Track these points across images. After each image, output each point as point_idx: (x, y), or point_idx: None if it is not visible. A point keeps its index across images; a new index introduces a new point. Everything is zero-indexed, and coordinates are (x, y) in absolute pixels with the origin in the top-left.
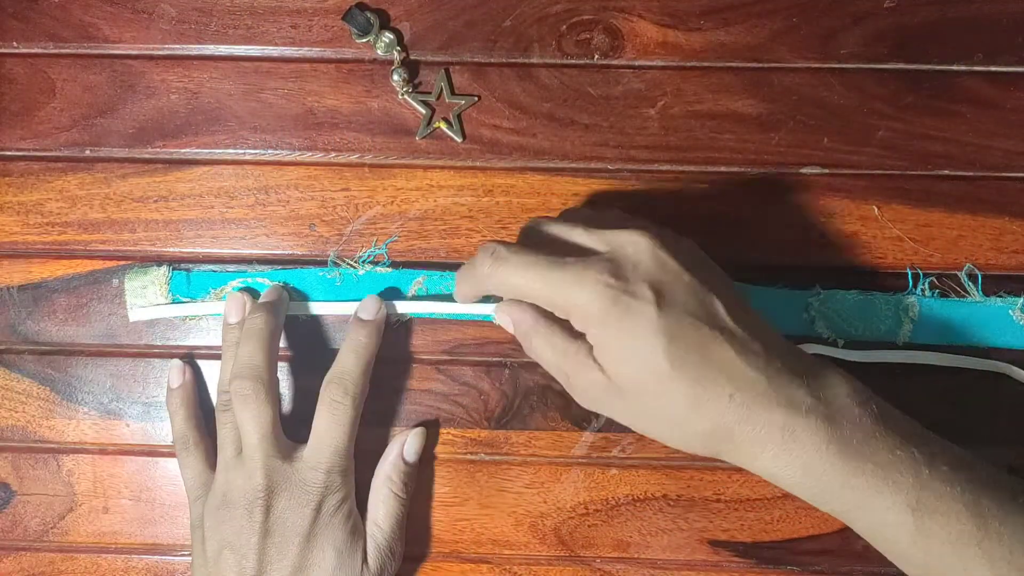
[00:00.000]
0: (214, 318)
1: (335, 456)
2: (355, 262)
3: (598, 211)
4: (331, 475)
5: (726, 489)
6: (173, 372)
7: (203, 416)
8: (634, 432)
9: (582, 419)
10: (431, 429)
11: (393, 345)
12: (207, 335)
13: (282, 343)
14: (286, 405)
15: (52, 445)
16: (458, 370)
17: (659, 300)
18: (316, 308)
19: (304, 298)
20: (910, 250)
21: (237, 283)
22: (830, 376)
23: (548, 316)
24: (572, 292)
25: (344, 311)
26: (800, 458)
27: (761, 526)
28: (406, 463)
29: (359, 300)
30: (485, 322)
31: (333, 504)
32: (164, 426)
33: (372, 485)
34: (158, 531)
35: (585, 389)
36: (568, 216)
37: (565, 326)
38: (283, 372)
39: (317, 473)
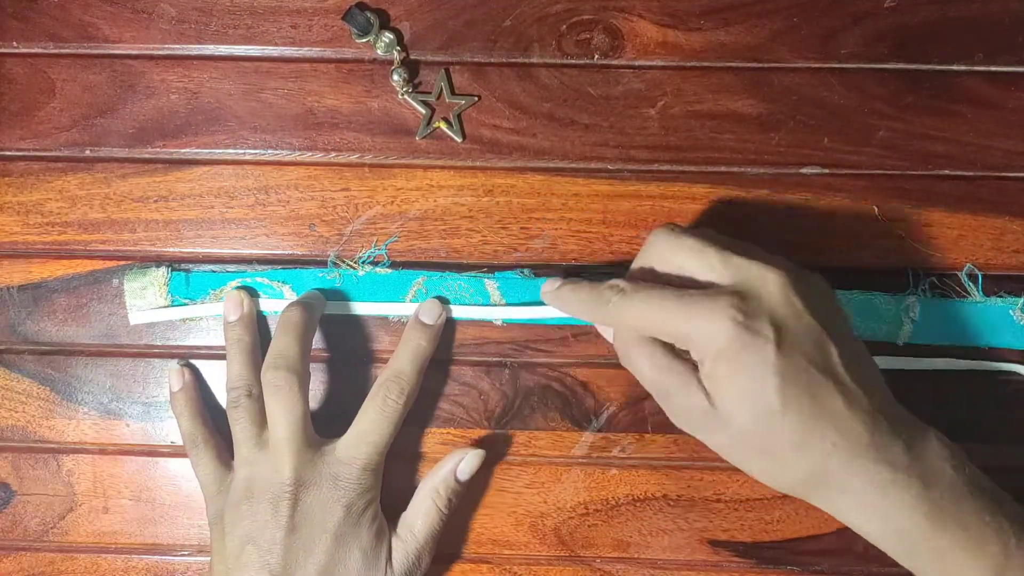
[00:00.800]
0: (214, 319)
1: (373, 453)
2: (355, 263)
3: (732, 240)
4: (365, 472)
5: (726, 489)
6: (173, 376)
7: (210, 415)
8: (634, 432)
9: (582, 419)
10: (432, 430)
11: (393, 345)
12: (207, 335)
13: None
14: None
15: (52, 445)
16: (458, 370)
17: (779, 340)
18: (356, 308)
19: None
20: (910, 250)
21: (236, 283)
22: (928, 436)
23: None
24: (696, 324)
25: (380, 312)
26: (890, 514)
27: (761, 526)
28: (457, 481)
29: (377, 302)
30: (485, 322)
31: (362, 503)
32: (164, 426)
33: (418, 492)
34: (158, 531)
35: (685, 411)
36: (703, 234)
37: (667, 344)
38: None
39: (351, 468)
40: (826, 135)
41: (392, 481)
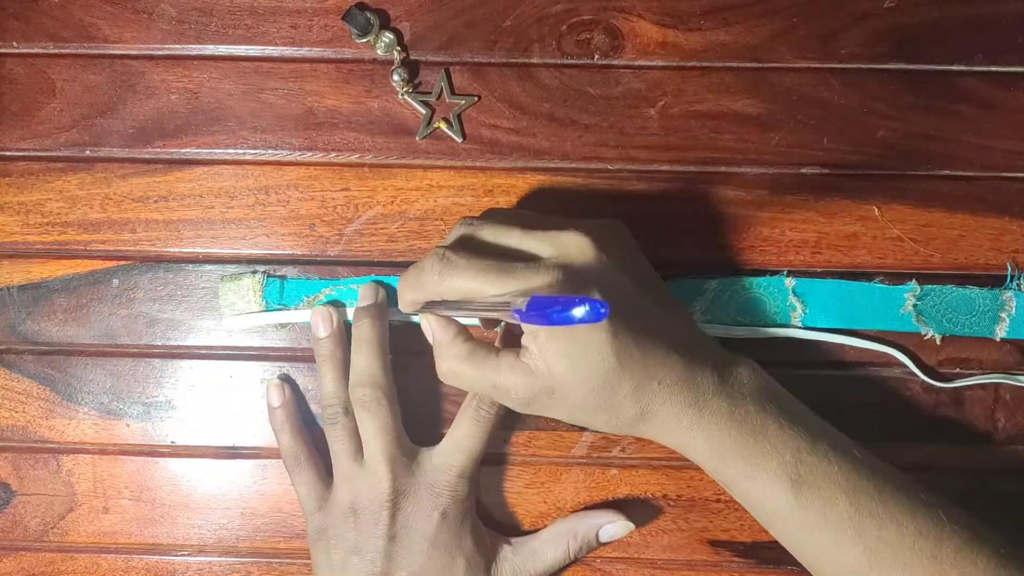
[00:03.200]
0: (304, 325)
1: (468, 461)
2: None
3: (522, 212)
4: (461, 480)
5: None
6: (272, 391)
7: (307, 430)
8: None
9: None
10: (434, 431)
11: (393, 345)
12: (207, 335)
13: None
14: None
15: (52, 445)
16: None
17: (608, 291)
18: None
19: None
20: (910, 250)
21: (330, 291)
22: (736, 362)
23: (467, 333)
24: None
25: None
26: (705, 431)
27: (761, 526)
28: (598, 540)
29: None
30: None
31: (458, 511)
32: (164, 426)
33: (556, 526)
34: (158, 531)
35: (524, 398)
36: (499, 218)
37: (481, 343)
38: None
39: (447, 476)
40: (826, 135)
41: None
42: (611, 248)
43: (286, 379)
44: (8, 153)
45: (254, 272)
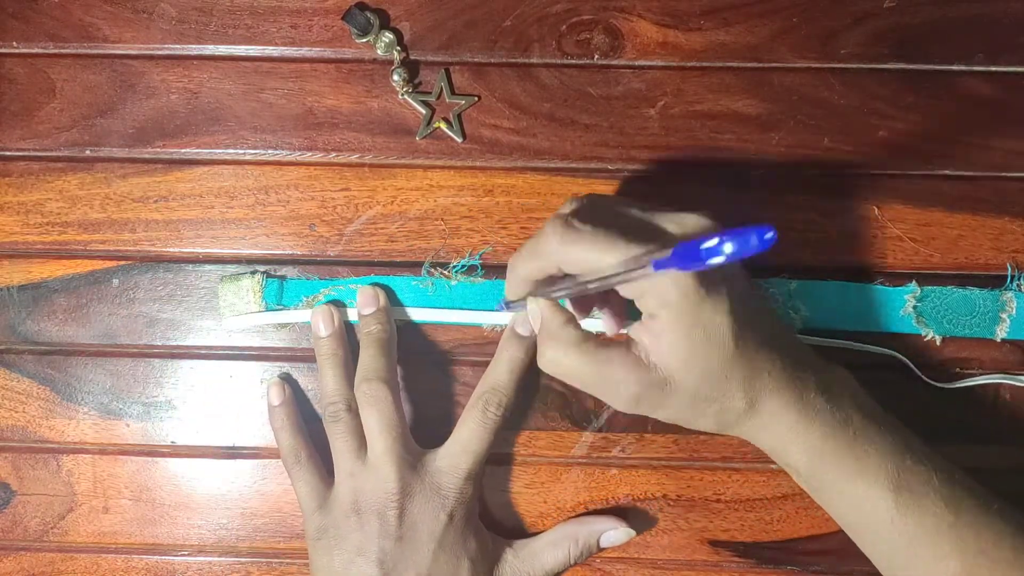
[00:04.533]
0: (304, 325)
1: (473, 463)
2: (448, 271)
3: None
4: (467, 482)
5: (726, 489)
6: (273, 390)
7: (307, 429)
8: (634, 432)
9: (582, 419)
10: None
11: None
12: (207, 335)
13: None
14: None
15: (52, 445)
16: (458, 370)
17: (729, 285)
18: (414, 314)
19: (395, 298)
20: (910, 250)
21: (330, 291)
22: (836, 369)
23: (576, 322)
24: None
25: (472, 320)
26: (807, 430)
27: (761, 526)
28: (598, 544)
29: (453, 308)
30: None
31: (463, 512)
32: (164, 426)
33: (557, 529)
34: (158, 531)
35: (634, 392)
36: (614, 197)
37: (590, 333)
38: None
39: (453, 478)
40: (826, 135)
41: None
42: None
43: (286, 378)
44: (8, 153)
45: (254, 272)
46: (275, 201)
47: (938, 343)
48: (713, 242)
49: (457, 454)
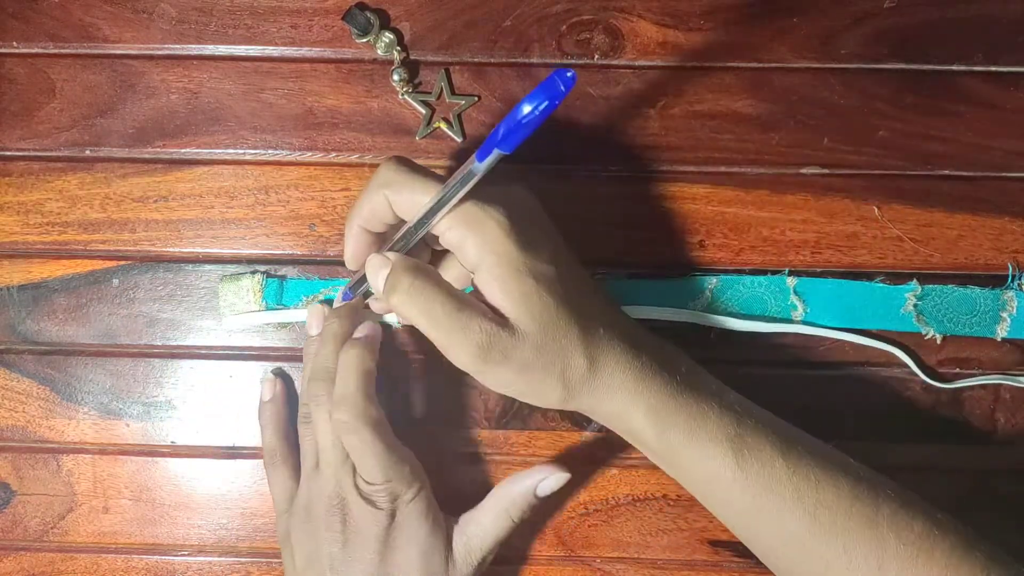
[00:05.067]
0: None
1: (414, 464)
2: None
3: None
4: (414, 478)
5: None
6: (266, 386)
7: (292, 429)
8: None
9: (582, 419)
10: (443, 432)
11: (393, 345)
12: (207, 335)
13: None
14: None
15: (52, 445)
16: (458, 369)
17: (548, 237)
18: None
19: None
20: (910, 250)
21: (330, 291)
22: (663, 340)
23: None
24: (479, 211)
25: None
26: (647, 392)
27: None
28: (536, 496)
29: None
30: None
31: (406, 502)
32: (164, 426)
33: (493, 494)
34: (158, 531)
35: (481, 340)
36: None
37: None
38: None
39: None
40: (826, 135)
41: None
42: (540, 206)
43: (280, 374)
44: (8, 153)
45: (254, 272)
46: (275, 201)
47: (938, 342)
48: (527, 108)
49: (396, 464)
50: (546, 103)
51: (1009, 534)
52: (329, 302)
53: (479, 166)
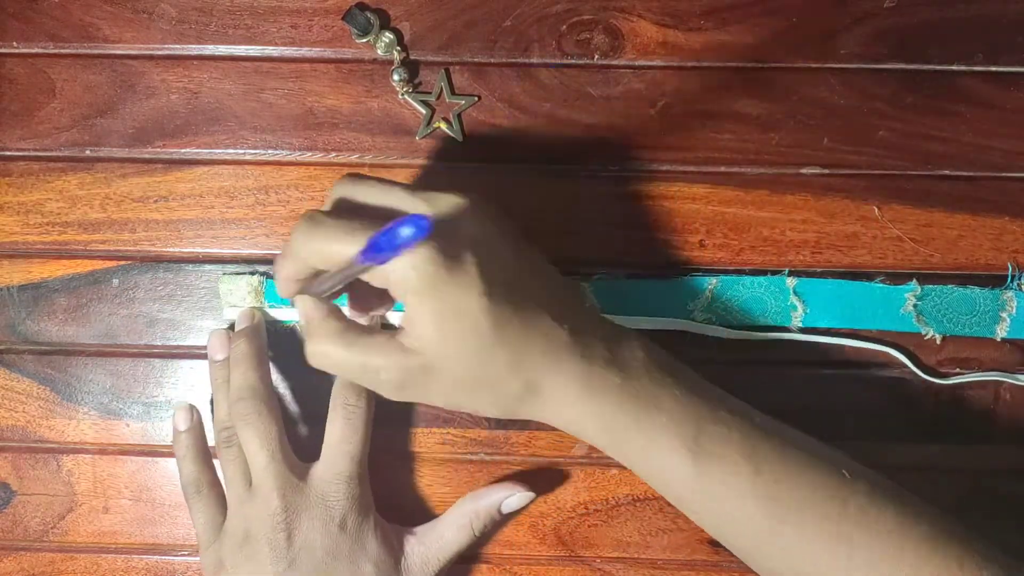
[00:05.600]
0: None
1: (352, 464)
2: None
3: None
4: (351, 484)
5: None
6: (179, 415)
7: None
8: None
9: None
10: (432, 429)
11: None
12: (207, 335)
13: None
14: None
15: (52, 445)
16: None
17: (480, 264)
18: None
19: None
20: (910, 250)
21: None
22: (627, 336)
23: (341, 314)
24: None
25: None
26: (596, 406)
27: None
28: (499, 512)
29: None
30: None
31: (357, 516)
32: (164, 426)
33: (456, 507)
34: (158, 531)
35: (396, 379)
36: (375, 182)
37: (356, 324)
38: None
39: (337, 484)
40: (826, 135)
41: (391, 481)
42: (494, 217)
43: (192, 406)
44: (8, 153)
45: (254, 272)
46: (275, 201)
47: (938, 342)
48: (407, 230)
49: (333, 459)
50: (394, 239)
51: (1009, 534)
52: (229, 328)
53: (357, 261)
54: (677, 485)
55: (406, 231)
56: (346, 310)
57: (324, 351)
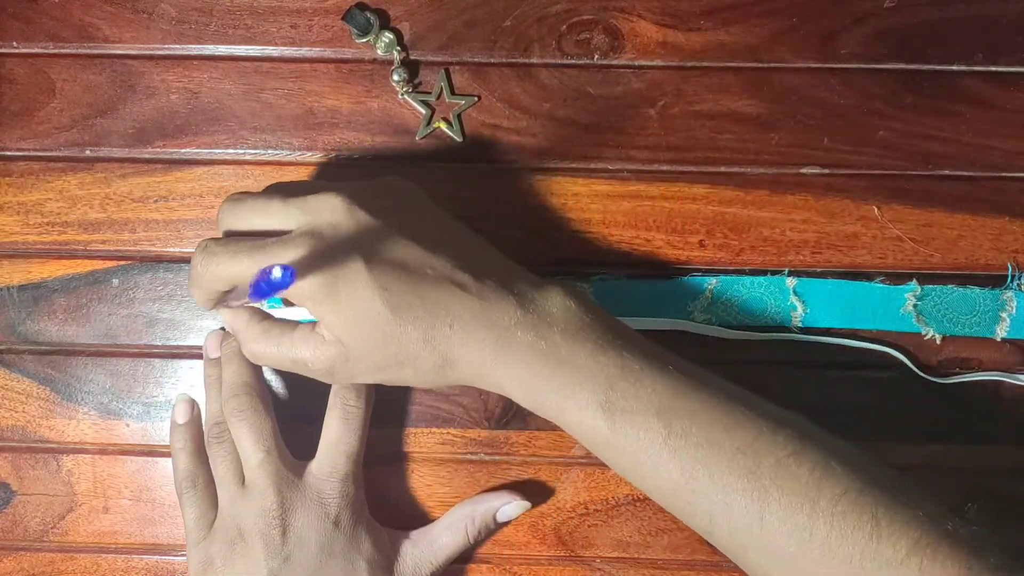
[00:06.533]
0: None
1: (349, 463)
2: None
3: (298, 182)
4: (346, 483)
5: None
6: (180, 408)
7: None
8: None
9: None
10: (432, 429)
11: None
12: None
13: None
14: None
15: (52, 445)
16: None
17: (366, 258)
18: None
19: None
20: (910, 250)
21: None
22: (546, 291)
23: (261, 315)
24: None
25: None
26: (511, 368)
27: None
28: (495, 520)
29: None
30: None
31: (351, 515)
32: (164, 426)
33: (452, 512)
34: (158, 531)
35: (325, 367)
36: (268, 189)
37: (278, 322)
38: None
39: (333, 483)
40: (826, 135)
41: (391, 481)
42: (371, 202)
43: (193, 400)
44: (8, 153)
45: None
46: None
47: (938, 342)
48: (276, 274)
49: (329, 457)
50: (270, 285)
51: (1009, 534)
52: (223, 328)
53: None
54: (593, 441)
55: (276, 275)
56: (282, 311)
57: (255, 351)
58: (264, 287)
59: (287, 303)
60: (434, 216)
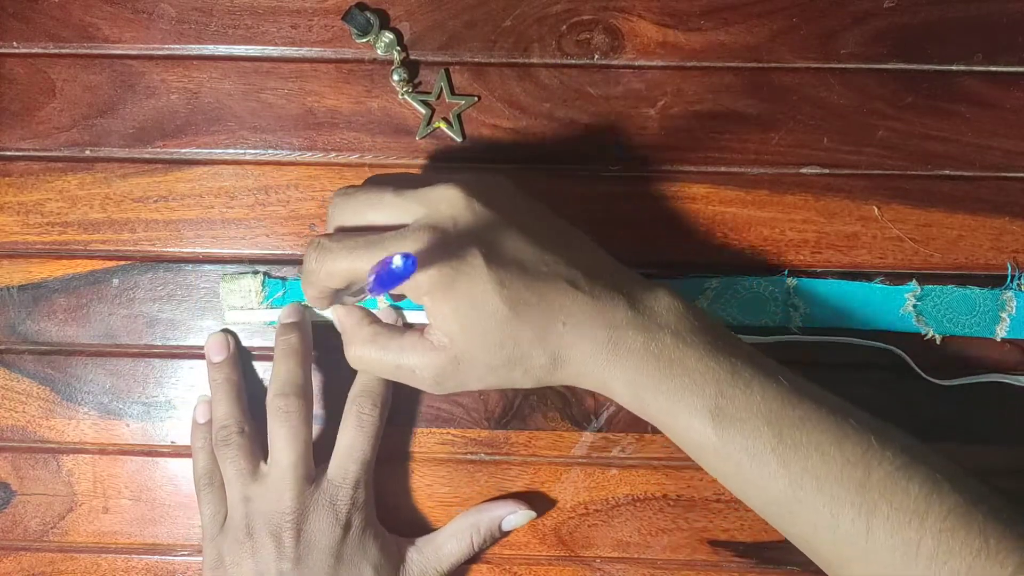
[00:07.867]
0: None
1: (361, 470)
2: None
3: (398, 175)
4: (357, 490)
5: (726, 489)
6: (201, 407)
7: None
8: (634, 432)
9: (582, 419)
10: (432, 430)
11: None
12: (207, 335)
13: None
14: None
15: (52, 445)
16: None
17: (485, 253)
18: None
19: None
20: (910, 250)
21: None
22: (654, 292)
23: (372, 318)
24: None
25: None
26: (620, 369)
27: (761, 526)
28: (500, 529)
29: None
30: None
31: (360, 519)
32: (164, 426)
33: (458, 520)
34: (158, 531)
35: (432, 375)
36: (375, 182)
37: (387, 326)
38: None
39: (345, 489)
40: (826, 135)
41: (391, 481)
42: (489, 196)
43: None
44: (8, 153)
45: (255, 272)
46: (275, 201)
47: (938, 342)
48: (398, 261)
49: (343, 465)
50: (392, 275)
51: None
52: (225, 330)
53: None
54: (700, 447)
55: (397, 264)
56: (381, 312)
57: (359, 355)
58: (385, 277)
59: (397, 299)
60: (542, 213)
